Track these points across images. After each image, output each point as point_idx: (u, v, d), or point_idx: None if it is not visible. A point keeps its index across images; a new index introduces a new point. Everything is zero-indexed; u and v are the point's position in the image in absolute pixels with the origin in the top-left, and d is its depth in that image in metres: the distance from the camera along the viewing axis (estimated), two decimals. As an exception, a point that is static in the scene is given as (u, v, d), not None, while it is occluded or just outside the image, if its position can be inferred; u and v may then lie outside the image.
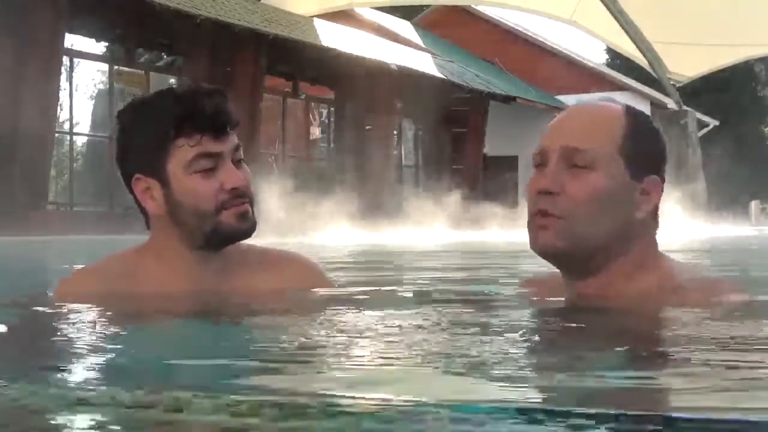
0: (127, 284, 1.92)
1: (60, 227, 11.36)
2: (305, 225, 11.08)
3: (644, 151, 1.71)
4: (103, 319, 1.80)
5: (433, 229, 12.23)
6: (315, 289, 2.05)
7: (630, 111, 1.75)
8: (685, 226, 13.60)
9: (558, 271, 1.78)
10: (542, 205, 1.66)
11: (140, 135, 1.87)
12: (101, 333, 1.64)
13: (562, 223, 1.66)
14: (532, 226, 1.69)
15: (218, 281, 1.93)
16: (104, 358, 1.39)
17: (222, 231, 1.84)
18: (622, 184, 1.68)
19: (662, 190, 1.72)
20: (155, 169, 1.84)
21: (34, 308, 1.98)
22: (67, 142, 15.62)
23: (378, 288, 2.21)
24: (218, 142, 1.82)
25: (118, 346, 1.51)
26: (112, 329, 1.70)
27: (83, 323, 1.77)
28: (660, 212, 1.77)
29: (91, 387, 1.11)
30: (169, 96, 1.88)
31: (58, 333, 1.67)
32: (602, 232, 1.67)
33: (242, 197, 1.85)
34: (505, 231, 11.49)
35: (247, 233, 1.88)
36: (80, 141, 18.37)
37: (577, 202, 1.65)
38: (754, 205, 24.00)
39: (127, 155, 1.90)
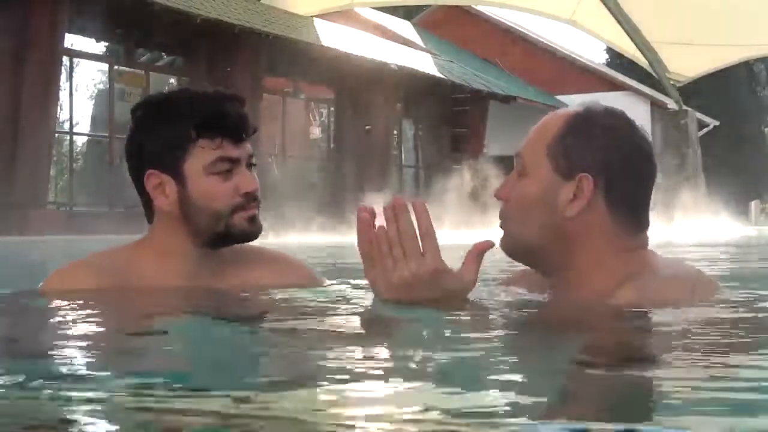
0: (119, 279, 1.92)
1: (60, 227, 11.37)
2: (306, 225, 11.08)
3: (578, 151, 1.70)
4: (89, 316, 1.80)
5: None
6: (308, 287, 2.07)
7: (581, 111, 1.75)
8: (684, 226, 13.61)
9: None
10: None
11: (159, 132, 1.90)
12: (84, 329, 1.64)
13: (505, 225, 1.77)
14: None
15: (214, 278, 1.96)
16: (86, 357, 1.39)
17: (232, 232, 1.90)
18: (548, 186, 1.70)
19: (593, 188, 1.68)
20: (172, 166, 1.88)
21: (17, 304, 1.99)
22: (67, 142, 15.63)
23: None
24: (237, 147, 1.89)
25: (101, 344, 1.51)
26: (95, 326, 1.70)
27: (64, 319, 1.76)
28: (651, 209, 1.76)
29: (73, 386, 1.11)
30: (191, 96, 1.93)
31: (36, 329, 1.67)
32: (529, 233, 1.72)
33: (254, 201, 1.91)
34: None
35: (255, 236, 1.95)
36: (80, 141, 18.38)
37: (512, 206, 1.75)
38: (754, 205, 24.00)
39: (141, 150, 1.92)
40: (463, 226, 12.54)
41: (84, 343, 1.52)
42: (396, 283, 1.66)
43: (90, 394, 1.05)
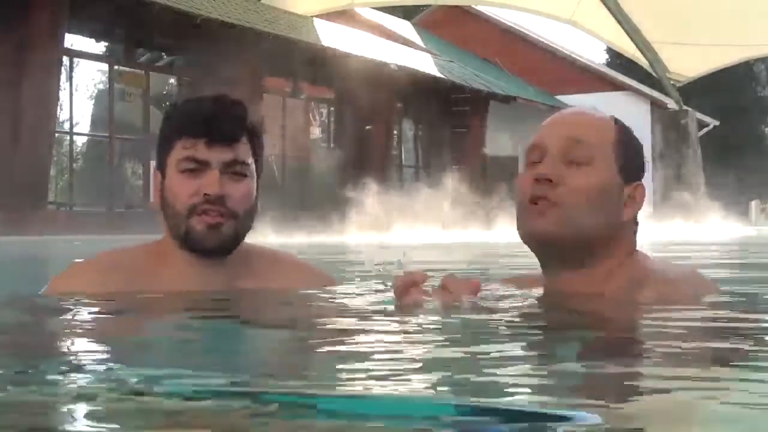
0: (123, 280, 1.92)
1: (60, 227, 11.37)
2: (306, 225, 11.08)
3: (632, 159, 1.78)
4: (90, 317, 1.79)
5: (435, 229, 12.22)
6: (320, 287, 2.07)
7: (618, 122, 1.83)
8: (684, 226, 13.61)
9: (536, 271, 1.84)
10: (540, 191, 1.70)
11: (160, 133, 1.96)
12: (87, 332, 1.64)
13: (559, 210, 1.70)
14: (525, 212, 1.73)
15: (219, 280, 1.93)
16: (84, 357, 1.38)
17: (191, 237, 1.86)
18: (615, 184, 1.74)
19: (644, 198, 1.79)
20: (161, 161, 1.93)
21: (22, 304, 1.98)
22: (67, 142, 15.63)
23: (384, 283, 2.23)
24: (211, 150, 1.86)
25: (101, 347, 1.51)
26: (99, 329, 1.69)
27: (70, 322, 1.75)
28: (651, 210, 1.80)
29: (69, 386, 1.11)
30: (192, 101, 1.96)
31: (41, 332, 1.66)
32: (593, 224, 1.71)
33: (215, 205, 1.85)
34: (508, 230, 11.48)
35: (214, 245, 1.87)
36: (80, 141, 18.42)
37: (575, 191, 1.70)
38: (754, 205, 23.99)
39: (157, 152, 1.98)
40: (462, 226, 12.55)
41: (87, 346, 1.52)
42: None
43: (94, 394, 1.05)
